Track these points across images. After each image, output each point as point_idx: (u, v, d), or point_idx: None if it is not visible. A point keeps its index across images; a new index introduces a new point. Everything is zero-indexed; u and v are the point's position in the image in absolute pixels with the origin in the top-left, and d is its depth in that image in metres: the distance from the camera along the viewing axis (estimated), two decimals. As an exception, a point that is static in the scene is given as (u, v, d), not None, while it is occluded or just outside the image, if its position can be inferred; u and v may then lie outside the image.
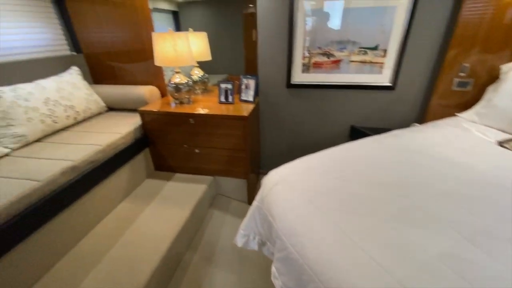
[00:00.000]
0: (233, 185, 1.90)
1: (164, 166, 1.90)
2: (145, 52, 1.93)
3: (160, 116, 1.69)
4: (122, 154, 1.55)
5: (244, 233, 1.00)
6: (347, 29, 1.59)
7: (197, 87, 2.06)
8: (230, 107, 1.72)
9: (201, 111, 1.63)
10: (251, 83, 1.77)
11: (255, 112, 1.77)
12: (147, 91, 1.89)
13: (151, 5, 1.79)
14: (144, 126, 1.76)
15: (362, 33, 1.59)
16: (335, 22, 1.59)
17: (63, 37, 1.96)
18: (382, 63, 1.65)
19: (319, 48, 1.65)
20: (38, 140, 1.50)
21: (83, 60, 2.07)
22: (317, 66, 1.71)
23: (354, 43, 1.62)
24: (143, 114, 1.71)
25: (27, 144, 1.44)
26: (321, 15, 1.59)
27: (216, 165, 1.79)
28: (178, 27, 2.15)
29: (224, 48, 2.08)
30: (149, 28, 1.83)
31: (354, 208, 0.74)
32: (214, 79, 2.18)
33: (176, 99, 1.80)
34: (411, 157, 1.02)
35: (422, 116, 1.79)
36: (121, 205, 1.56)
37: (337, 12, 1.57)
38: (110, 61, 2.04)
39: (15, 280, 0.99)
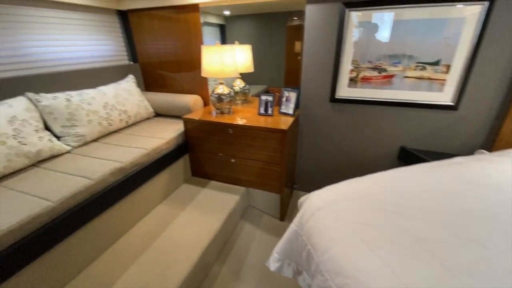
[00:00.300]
0: (266, 198, 1.85)
1: (201, 173, 1.94)
2: (193, 63, 2.03)
3: (201, 124, 1.74)
4: (164, 158, 1.63)
5: (278, 257, 0.93)
6: (403, 42, 1.46)
7: (237, 98, 2.09)
8: (269, 119, 1.69)
9: (240, 122, 1.63)
10: (292, 95, 1.72)
11: (294, 125, 1.71)
12: (192, 100, 1.98)
13: (202, 20, 1.89)
14: (186, 133, 1.83)
15: (421, 47, 1.44)
16: (388, 35, 1.47)
17: (124, 48, 2.18)
18: (443, 80, 1.46)
19: (370, 62, 1.55)
20: (95, 140, 1.66)
21: (139, 69, 2.27)
22: (366, 80, 1.60)
23: (410, 57, 1.48)
24: (186, 121, 1.79)
25: (85, 143, 1.60)
26: (373, 28, 1.49)
27: (250, 177, 1.76)
28: (223, 40, 2.23)
29: (265, 60, 2.09)
30: (199, 41, 1.93)
31: (412, 250, 0.63)
32: (253, 89, 2.19)
33: (217, 108, 1.84)
34: (484, 194, 0.86)
35: (491, 142, 1.53)
36: (159, 207, 1.62)
37: (391, 25, 1.45)
38: (161, 70, 2.20)
39: (57, 273, 1.07)
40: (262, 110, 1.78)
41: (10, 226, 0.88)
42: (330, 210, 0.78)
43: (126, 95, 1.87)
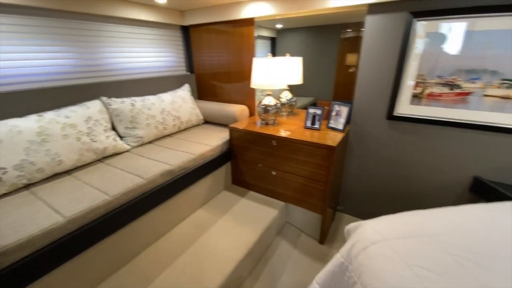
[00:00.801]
0: (306, 217, 1.74)
1: (241, 181, 1.95)
2: (243, 74, 2.09)
3: (246, 134, 1.75)
4: (208, 164, 1.68)
5: (319, 288, 0.84)
6: (482, 56, 1.24)
7: (283, 110, 2.06)
8: (316, 133, 1.61)
9: (285, 134, 1.59)
10: (344, 110, 1.62)
11: (343, 142, 1.59)
12: (238, 110, 2.03)
13: (255, 33, 1.94)
14: (230, 141, 1.87)
15: (509, 62, 1.20)
16: (460, 47, 1.27)
17: (183, 60, 2.37)
18: (540, 100, 1.19)
19: (439, 77, 1.35)
20: (150, 142, 1.81)
21: (194, 79, 2.44)
22: (433, 98, 1.40)
23: (494, 73, 1.24)
24: (231, 130, 1.83)
25: (142, 144, 1.76)
26: (442, 39, 1.31)
27: (291, 192, 1.69)
28: (274, 52, 2.26)
29: (314, 72, 2.03)
30: (251, 53, 1.98)
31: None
32: (300, 102, 2.14)
33: (262, 119, 1.84)
34: None
35: None
36: (199, 212, 1.67)
37: (463, 36, 1.25)
38: (213, 80, 2.33)
39: (105, 261, 1.16)
40: (308, 124, 1.71)
41: (74, 215, 0.99)
42: (387, 247, 0.67)
43: (180, 103, 2.02)
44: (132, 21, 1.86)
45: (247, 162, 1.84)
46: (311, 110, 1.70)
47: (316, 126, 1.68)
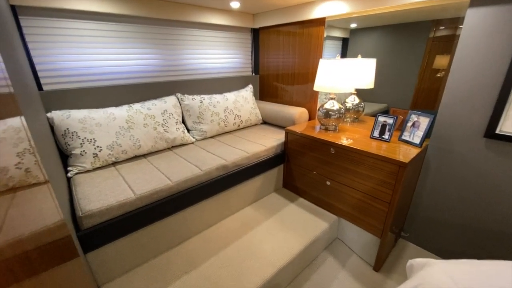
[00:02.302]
0: (360, 237, 1.56)
1: (292, 186, 1.90)
2: (307, 76, 2.03)
3: (302, 138, 1.69)
4: (261, 164, 1.69)
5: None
6: None
7: (347, 115, 1.90)
8: (384, 145, 1.41)
9: (347, 142, 1.46)
10: (423, 121, 1.37)
11: (418, 159, 1.35)
12: (297, 112, 1.98)
13: (325, 34, 1.85)
14: (285, 144, 1.84)
15: None
16: None
17: (250, 61, 2.47)
18: None
19: None
20: (212, 137, 1.95)
21: (258, 80, 2.51)
22: None
23: None
24: (288, 132, 1.79)
25: (205, 138, 1.91)
26: None
27: (346, 207, 1.54)
28: (344, 54, 2.10)
29: (389, 76, 1.77)
30: (318, 54, 1.90)
31: None
32: (368, 108, 1.92)
33: (322, 124, 1.74)
34: None
35: None
36: (247, 209, 1.70)
37: None
38: (276, 82, 2.33)
39: (161, 240, 1.30)
40: (376, 133, 1.52)
41: (142, 193, 1.15)
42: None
43: (242, 102, 2.11)
44: (208, 26, 2.04)
45: (300, 167, 1.78)
46: (381, 118, 1.51)
47: (386, 137, 1.48)
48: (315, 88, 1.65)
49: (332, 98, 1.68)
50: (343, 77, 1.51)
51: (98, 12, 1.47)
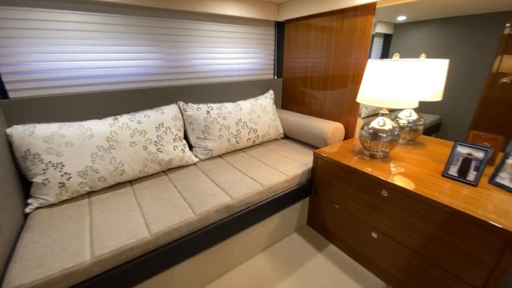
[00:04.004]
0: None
1: (319, 225, 1.45)
2: (345, 81, 1.56)
3: (339, 168, 1.24)
4: (279, 200, 1.27)
5: None
6: None
7: (401, 135, 1.40)
8: (468, 191, 0.92)
9: (407, 183, 0.98)
10: (543, 162, 0.85)
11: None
12: (331, 129, 1.52)
13: (374, 23, 1.37)
14: (313, 171, 1.39)
15: None
16: None
17: (272, 62, 2.05)
18: None
19: None
20: (220, 156, 1.57)
21: (281, 84, 2.08)
22: None
23: None
24: (317, 157, 1.35)
25: (211, 158, 1.53)
26: None
27: (400, 273, 1.06)
28: (386, 53, 1.60)
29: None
30: (363, 53, 1.42)
31: None
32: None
33: (366, 148, 1.27)
34: None
35: None
36: (258, 258, 1.30)
37: None
38: (303, 86, 1.89)
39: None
40: (453, 171, 1.03)
41: (104, 254, 0.79)
42: None
43: (260, 113, 1.70)
44: (221, 18, 1.66)
45: (333, 204, 1.32)
46: (463, 149, 1.01)
47: (470, 179, 0.98)
48: (360, 99, 1.19)
49: (383, 114, 1.21)
50: (403, 85, 1.04)
51: (79, -1, 1.16)
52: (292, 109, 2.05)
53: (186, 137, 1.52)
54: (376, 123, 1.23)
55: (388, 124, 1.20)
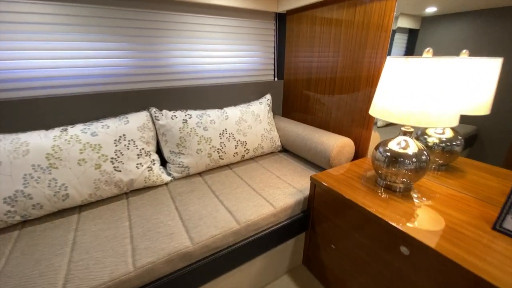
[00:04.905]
0: None
1: (317, 269, 1.14)
2: (358, 85, 1.24)
3: (342, 203, 0.92)
4: (263, 240, 0.98)
5: None
6: None
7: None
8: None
9: (436, 239, 0.66)
10: None
11: None
12: (336, 146, 1.20)
13: (394, 24, 1.04)
14: (310, 201, 1.09)
15: None
16: None
17: (272, 61, 1.75)
18: None
19: None
20: (199, 173, 1.31)
21: (281, 87, 1.78)
22: None
23: None
24: (315, 184, 1.04)
25: (187, 176, 1.27)
26: None
27: None
28: (411, 51, 1.25)
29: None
30: (381, 50, 1.10)
31: None
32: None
33: (379, 175, 0.95)
34: None
35: None
36: (235, 310, 1.01)
37: None
38: (307, 90, 1.58)
39: None
40: (509, 224, 0.68)
41: None
42: None
43: (251, 122, 1.41)
44: (210, 9, 1.40)
45: (330, 245, 1.01)
46: (532, 196, 0.66)
47: (545, 243, 0.63)
48: (374, 112, 0.87)
49: (406, 132, 0.89)
50: (438, 94, 0.72)
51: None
52: (294, 117, 1.74)
53: (160, 151, 1.27)
54: (395, 144, 0.90)
55: (413, 146, 0.88)
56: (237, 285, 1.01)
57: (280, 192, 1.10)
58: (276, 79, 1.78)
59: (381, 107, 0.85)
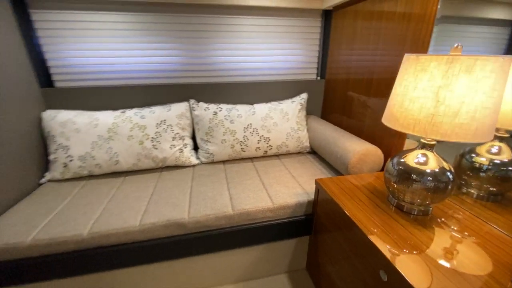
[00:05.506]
0: None
1: (317, 277, 1.08)
2: (392, 87, 1.09)
3: (340, 216, 0.86)
4: (257, 231, 1.02)
5: None
6: None
7: (475, 182, 0.85)
8: None
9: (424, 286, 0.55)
10: None
11: None
12: (357, 153, 1.10)
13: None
14: (315, 206, 1.05)
15: None
16: None
17: (315, 60, 1.70)
18: None
19: None
20: (222, 162, 1.44)
21: (322, 86, 1.71)
22: None
23: None
24: (318, 189, 1.00)
25: (212, 163, 1.42)
26: None
27: None
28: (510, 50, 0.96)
29: None
30: (421, 45, 0.94)
31: None
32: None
33: (391, 193, 0.84)
34: None
35: None
36: (227, 289, 1.10)
37: None
38: (344, 91, 1.47)
39: None
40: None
41: (39, 239, 0.83)
42: None
43: (277, 119, 1.44)
44: (254, 10, 1.49)
45: (330, 258, 0.95)
46: None
47: None
48: (386, 120, 0.78)
49: (426, 146, 0.76)
50: (469, 105, 0.59)
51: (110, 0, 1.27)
52: (331, 119, 1.65)
53: (195, 138, 1.47)
54: (412, 158, 0.77)
55: (433, 162, 0.73)
56: (232, 265, 1.09)
57: (286, 190, 1.11)
58: (318, 78, 1.72)
59: (394, 112, 0.74)
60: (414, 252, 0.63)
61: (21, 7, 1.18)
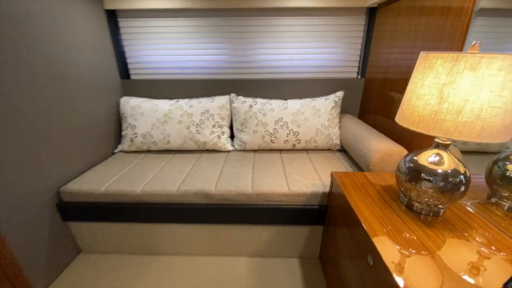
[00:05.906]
0: None
1: (327, 268, 1.13)
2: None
3: (346, 209, 0.91)
4: (272, 212, 1.14)
5: None
6: None
7: (504, 193, 0.78)
8: None
9: None
10: None
11: None
12: (379, 152, 1.10)
13: (481, 5, 0.81)
14: (329, 197, 1.10)
15: None
16: None
17: (357, 58, 1.68)
18: None
19: None
20: (253, 150, 1.58)
21: (361, 85, 1.68)
22: None
23: None
24: (333, 181, 1.05)
25: (244, 150, 1.58)
26: None
27: None
28: None
29: None
30: (456, 42, 0.89)
31: None
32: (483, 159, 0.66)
33: (402, 191, 0.84)
34: None
35: None
36: (240, 260, 1.25)
37: None
38: (381, 90, 1.43)
39: (142, 243, 1.24)
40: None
41: (107, 189, 1.14)
42: None
43: (308, 115, 1.50)
44: (295, 11, 1.58)
45: (338, 252, 1.00)
46: None
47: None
48: (399, 119, 0.80)
49: (439, 146, 0.75)
50: (477, 103, 0.59)
51: (172, 8, 1.55)
52: (367, 118, 1.62)
53: (232, 127, 1.66)
54: (426, 158, 0.77)
55: (447, 162, 0.72)
56: (248, 240, 1.23)
57: (304, 180, 1.18)
58: (359, 76, 1.70)
59: (408, 111, 0.75)
60: (407, 249, 0.65)
61: (112, 17, 1.56)
